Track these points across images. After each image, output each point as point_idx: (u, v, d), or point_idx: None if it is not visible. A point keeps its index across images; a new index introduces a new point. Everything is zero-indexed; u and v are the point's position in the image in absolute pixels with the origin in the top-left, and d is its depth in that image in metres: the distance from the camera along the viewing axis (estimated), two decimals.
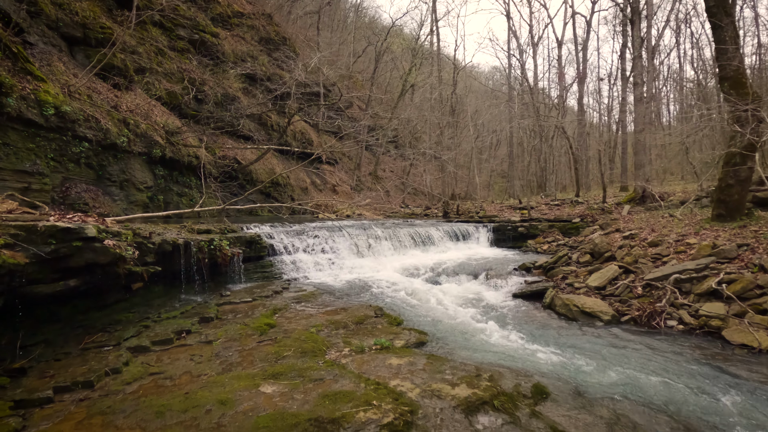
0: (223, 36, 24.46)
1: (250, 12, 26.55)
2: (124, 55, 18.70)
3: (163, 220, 15.77)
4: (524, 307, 8.39)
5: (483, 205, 19.18)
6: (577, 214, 14.92)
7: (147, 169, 17.73)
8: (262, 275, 10.38)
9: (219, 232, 10.01)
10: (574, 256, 10.25)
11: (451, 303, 8.63)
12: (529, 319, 7.68)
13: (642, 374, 5.12)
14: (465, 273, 10.70)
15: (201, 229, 9.54)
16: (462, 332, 6.81)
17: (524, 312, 8.12)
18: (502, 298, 9.04)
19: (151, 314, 6.74)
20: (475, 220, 16.37)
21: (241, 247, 9.95)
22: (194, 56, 22.54)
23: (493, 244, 14.95)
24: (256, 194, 23.58)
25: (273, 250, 11.25)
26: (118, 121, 16.68)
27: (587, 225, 13.88)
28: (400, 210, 23.08)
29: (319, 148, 27.94)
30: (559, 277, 9.35)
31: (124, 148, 16.35)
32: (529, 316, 7.88)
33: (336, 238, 12.53)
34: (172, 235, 7.69)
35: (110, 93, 17.48)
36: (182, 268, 7.83)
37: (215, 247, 8.33)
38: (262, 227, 12.44)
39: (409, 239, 13.28)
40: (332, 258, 11.78)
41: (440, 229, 14.02)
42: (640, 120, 15.72)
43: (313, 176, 28.83)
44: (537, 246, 13.49)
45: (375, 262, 11.87)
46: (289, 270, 10.93)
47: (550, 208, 16.67)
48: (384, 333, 6.51)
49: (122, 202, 16.51)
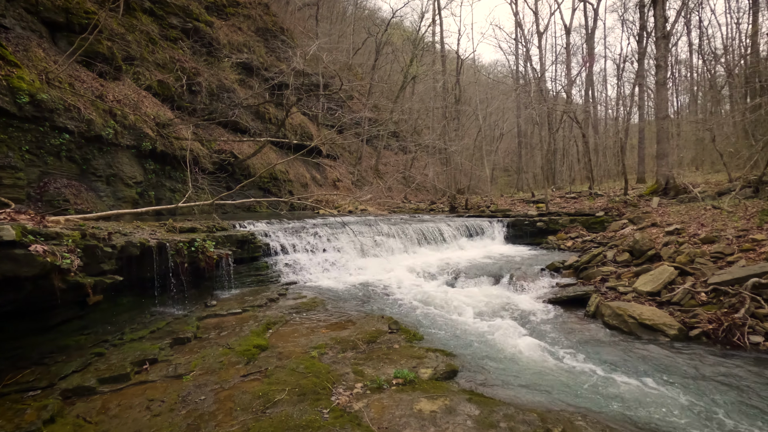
0: (218, 25, 22.82)
1: (246, 1, 24.89)
2: (111, 43, 17.05)
3: (155, 218, 14.29)
4: (563, 317, 6.89)
5: (493, 198, 17.71)
6: (599, 207, 13.44)
7: (136, 164, 16.13)
8: (256, 279, 8.86)
9: (206, 231, 8.49)
10: (610, 254, 8.77)
11: (476, 312, 7.13)
12: (575, 332, 6.18)
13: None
14: (485, 274, 9.19)
15: (184, 228, 8.01)
16: (499, 353, 5.31)
17: (565, 323, 6.61)
18: (534, 305, 7.53)
19: (112, 335, 5.22)
20: (487, 214, 14.85)
21: (231, 248, 8.43)
22: (187, 46, 20.93)
23: (508, 240, 13.46)
24: (254, 190, 22.05)
25: (269, 250, 9.74)
26: (104, 111, 15.09)
27: (613, 219, 12.39)
28: (404, 205, 21.56)
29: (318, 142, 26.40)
30: (598, 280, 7.87)
31: (111, 140, 14.77)
32: (573, 328, 6.37)
33: (339, 235, 11.01)
34: (143, 236, 6.16)
35: (95, 82, 15.84)
36: (156, 275, 6.31)
37: (197, 249, 6.80)
38: (258, 224, 10.93)
39: (419, 236, 11.78)
40: (335, 258, 10.27)
41: (451, 224, 12.52)
42: (663, 106, 14.21)
43: (313, 171, 27.29)
44: (559, 242, 12.01)
45: (383, 262, 10.37)
46: (287, 272, 9.42)
47: (567, 201, 15.18)
48: (404, 357, 5.00)
49: (109, 198, 14.93)
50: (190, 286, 7.16)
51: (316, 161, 28.01)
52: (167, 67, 19.77)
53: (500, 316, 6.99)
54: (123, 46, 17.79)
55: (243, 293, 7.99)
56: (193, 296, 7.20)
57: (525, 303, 7.64)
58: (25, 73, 12.48)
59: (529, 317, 6.91)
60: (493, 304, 7.63)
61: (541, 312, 7.14)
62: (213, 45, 21.65)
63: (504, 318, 6.88)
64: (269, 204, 20.34)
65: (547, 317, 6.86)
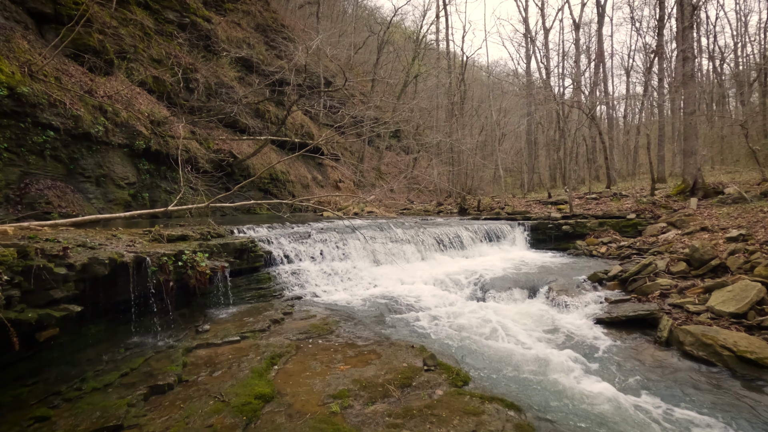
0: (216, 21, 21.41)
1: None
2: (103, 36, 15.63)
3: (150, 221, 12.96)
4: (629, 344, 5.55)
5: (506, 199, 16.41)
6: (628, 209, 12.14)
7: (129, 163, 14.71)
8: (258, 294, 7.49)
9: (199, 239, 7.12)
10: (660, 263, 7.47)
11: (520, 336, 5.80)
12: (654, 368, 4.85)
13: None
14: (518, 286, 7.86)
15: (173, 236, 6.65)
16: (576, 407, 3.96)
17: (635, 353, 5.28)
18: (584, 326, 6.21)
19: (68, 383, 3.85)
20: (504, 217, 13.50)
21: (227, 258, 7.06)
22: (184, 41, 19.52)
23: (532, 245, 12.14)
24: (254, 191, 20.69)
25: (271, 258, 8.38)
26: (93, 107, 13.69)
27: (647, 222, 11.07)
28: (412, 206, 20.22)
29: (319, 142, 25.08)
30: (656, 295, 6.56)
31: (101, 138, 13.38)
32: (648, 361, 5.04)
33: (348, 241, 9.66)
34: (116, 249, 4.79)
35: (85, 77, 14.40)
36: (133, 298, 4.94)
37: (186, 263, 5.44)
38: (258, 229, 9.56)
39: (435, 241, 10.44)
40: (345, 268, 8.92)
41: (469, 228, 11.20)
42: (691, 100, 12.95)
43: (314, 172, 25.93)
44: (591, 248, 10.68)
45: (398, 272, 9.02)
46: (291, 284, 8.06)
47: (588, 203, 13.88)
48: (455, 412, 3.66)
49: (98, 200, 13.53)
50: (178, 305, 5.80)
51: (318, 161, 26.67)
52: (163, 63, 18.37)
53: (552, 343, 5.65)
54: (116, 40, 16.37)
55: (242, 312, 6.63)
56: (181, 319, 5.83)
57: (574, 323, 6.30)
58: (4, 65, 11.10)
59: (587, 344, 5.57)
60: (537, 326, 6.30)
61: (599, 337, 5.80)
62: (211, 41, 20.26)
63: (556, 343, 5.56)
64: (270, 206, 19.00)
65: (609, 345, 5.52)
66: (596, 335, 5.85)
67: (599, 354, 5.24)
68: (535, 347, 5.41)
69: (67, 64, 14.00)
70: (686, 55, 13.10)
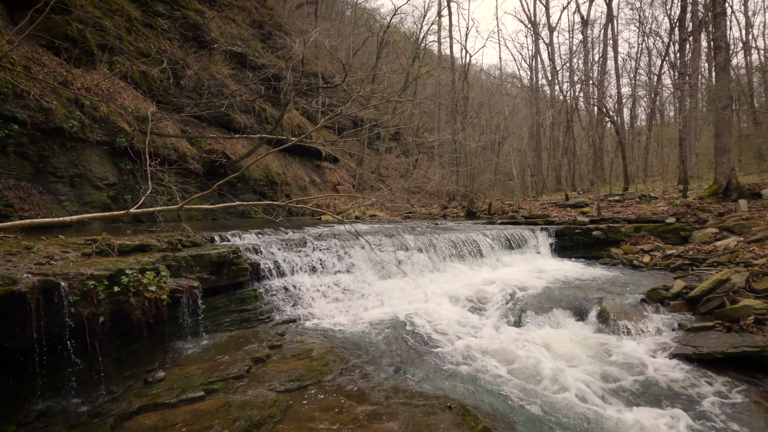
0: (209, 16, 19.71)
1: None
2: (83, 26, 13.89)
3: (133, 224, 11.32)
4: (745, 395, 3.89)
5: (519, 202, 14.78)
6: (665, 212, 10.52)
7: (109, 163, 12.93)
8: (240, 318, 5.77)
9: (165, 248, 5.42)
10: (737, 279, 5.86)
11: (591, 384, 4.12)
12: None
13: None
14: (559, 306, 6.19)
15: (128, 246, 4.95)
16: None
17: (748, 408, 3.63)
18: (664, 365, 4.53)
19: None
20: (522, 221, 11.80)
21: (200, 275, 5.36)
22: (175, 36, 17.81)
23: (558, 253, 10.43)
24: (249, 194, 18.96)
25: (258, 272, 6.66)
26: (68, 101, 11.96)
27: (691, 227, 9.42)
28: (417, 210, 18.54)
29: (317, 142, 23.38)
30: (750, 321, 4.91)
31: (76, 134, 11.67)
32: None
33: (351, 249, 7.96)
34: (7, 272, 3.07)
35: (61, 68, 12.64)
36: (39, 342, 3.21)
37: (126, 288, 3.72)
38: (246, 236, 7.86)
39: (450, 249, 8.76)
40: (347, 281, 7.22)
41: (488, 234, 9.52)
42: (723, 94, 11.39)
43: (312, 174, 24.23)
44: (630, 257, 9.01)
45: (409, 286, 7.32)
46: (283, 304, 6.35)
47: (611, 205, 12.26)
48: None
49: (72, 203, 11.77)
50: (128, 341, 4.09)
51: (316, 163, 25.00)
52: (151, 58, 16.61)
53: (640, 396, 3.96)
54: (98, 31, 14.61)
55: (217, 345, 4.92)
56: (128, 361, 4.10)
57: (649, 361, 4.61)
58: None
59: (687, 398, 3.89)
60: (603, 364, 4.62)
61: (695, 383, 4.12)
62: (203, 36, 18.55)
63: (651, 402, 3.88)
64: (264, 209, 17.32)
65: (718, 401, 3.83)
66: (691, 381, 4.16)
67: (716, 416, 3.56)
68: (612, 401, 3.74)
69: (41, 53, 12.26)
70: (718, 44, 11.56)
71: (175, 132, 16.09)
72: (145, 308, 3.71)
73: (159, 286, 3.93)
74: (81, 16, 13.79)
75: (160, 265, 4.73)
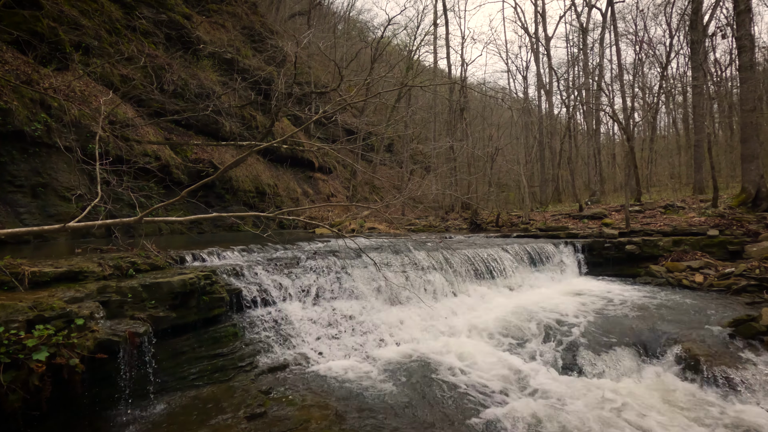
0: (197, 20, 18.28)
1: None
2: (57, 25, 12.35)
3: (107, 237, 9.79)
4: None
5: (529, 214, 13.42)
6: (703, 223, 9.20)
7: (79, 170, 11.29)
8: (211, 366, 4.21)
9: (110, 275, 3.88)
10: None
11: None
12: None
13: None
14: (621, 344, 4.73)
15: (48, 275, 3.41)
16: None
17: None
18: None
19: None
20: (537, 234, 10.31)
21: (155, 311, 3.81)
22: (161, 40, 16.32)
23: (587, 271, 9.03)
24: (238, 206, 17.35)
25: (240, 300, 5.11)
26: (32, 101, 10.38)
27: (741, 240, 8.07)
28: (417, 222, 17.07)
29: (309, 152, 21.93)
30: None
31: (39, 139, 10.11)
32: None
33: (352, 268, 6.44)
34: None
35: (28, 67, 11.06)
36: None
37: None
38: (227, 254, 6.30)
39: (468, 268, 7.28)
40: (351, 309, 5.68)
41: (507, 249, 8.06)
42: (750, 96, 10.26)
43: (305, 185, 22.69)
44: (678, 276, 7.51)
45: (426, 316, 5.81)
46: (270, 342, 4.79)
47: (634, 216, 10.91)
48: None
49: (33, 216, 10.10)
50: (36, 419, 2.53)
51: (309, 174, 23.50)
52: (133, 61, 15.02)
53: None
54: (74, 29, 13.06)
55: (172, 414, 3.35)
56: None
57: None
58: None
59: None
60: None
61: None
62: (191, 40, 17.07)
63: None
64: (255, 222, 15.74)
65: None
66: None
67: None
68: None
69: (5, 50, 10.70)
70: (742, 44, 10.45)
71: (158, 139, 14.52)
72: (32, 387, 2.17)
73: (67, 344, 2.40)
74: (54, 13, 12.26)
75: (91, 303, 3.18)
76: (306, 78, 24.43)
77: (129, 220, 5.09)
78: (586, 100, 19.12)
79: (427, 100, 27.87)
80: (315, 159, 23.30)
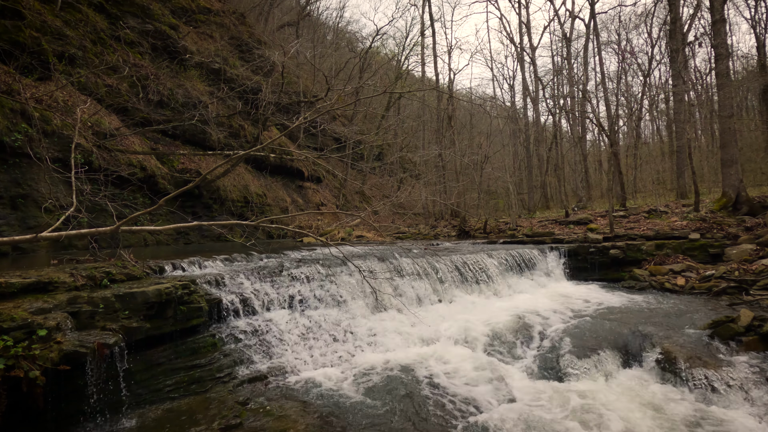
0: (184, 30, 18.23)
1: (220, 9, 20.49)
2: (40, 35, 12.25)
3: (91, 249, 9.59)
4: None
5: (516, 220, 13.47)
6: (684, 227, 9.27)
7: (61, 181, 11.09)
8: (188, 378, 4.10)
9: (82, 286, 3.78)
10: None
11: None
12: None
13: None
14: (603, 347, 4.71)
15: (15, 285, 3.31)
16: None
17: None
18: None
19: None
20: (524, 240, 10.33)
21: (128, 321, 3.71)
22: (147, 51, 16.23)
23: (572, 276, 9.04)
24: (226, 215, 17.20)
25: (219, 310, 5.01)
26: (12, 111, 10.27)
27: (721, 243, 8.16)
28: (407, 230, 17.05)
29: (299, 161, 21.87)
30: None
31: (20, 149, 9.97)
32: None
33: (337, 276, 6.38)
34: None
35: (8, 77, 10.93)
36: None
37: None
38: (209, 264, 6.20)
39: (455, 274, 7.25)
40: (335, 317, 5.62)
41: (493, 256, 8.06)
42: (727, 102, 10.47)
43: (294, 195, 22.59)
44: (660, 279, 7.60)
45: (408, 323, 5.76)
46: (250, 352, 4.69)
47: (618, 221, 10.97)
48: None
49: (12, 227, 9.94)
50: None
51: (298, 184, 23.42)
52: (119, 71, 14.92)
53: None
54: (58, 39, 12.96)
55: (144, 427, 3.25)
56: None
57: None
58: None
59: None
60: None
61: None
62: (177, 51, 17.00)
63: None
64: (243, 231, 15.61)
65: None
66: None
67: None
68: None
69: None
70: (719, 52, 10.68)
71: (143, 149, 14.38)
72: None
73: (28, 355, 2.31)
74: (36, 23, 12.17)
75: (58, 314, 3.08)
76: (295, 88, 24.48)
77: (105, 230, 4.99)
78: (570, 108, 19.44)
79: (415, 108, 28.07)
80: (304, 168, 23.24)
